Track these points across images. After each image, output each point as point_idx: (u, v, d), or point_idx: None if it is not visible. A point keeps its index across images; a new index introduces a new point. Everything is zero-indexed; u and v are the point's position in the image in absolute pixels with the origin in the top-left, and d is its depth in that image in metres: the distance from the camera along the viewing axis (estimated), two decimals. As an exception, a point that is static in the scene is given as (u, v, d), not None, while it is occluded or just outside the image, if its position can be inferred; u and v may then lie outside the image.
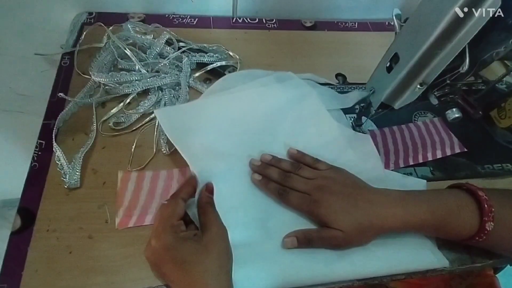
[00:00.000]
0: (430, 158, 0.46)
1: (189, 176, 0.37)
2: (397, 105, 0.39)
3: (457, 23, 0.30)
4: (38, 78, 0.60)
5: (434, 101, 0.36)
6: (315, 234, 0.35)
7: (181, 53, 0.50)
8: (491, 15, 0.28)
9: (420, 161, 0.46)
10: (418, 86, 0.35)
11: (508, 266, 0.52)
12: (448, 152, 0.47)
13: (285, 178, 0.38)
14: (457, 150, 0.48)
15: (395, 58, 0.37)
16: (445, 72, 0.33)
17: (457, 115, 0.35)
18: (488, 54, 0.32)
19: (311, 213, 0.36)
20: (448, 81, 0.34)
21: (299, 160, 0.41)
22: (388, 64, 0.38)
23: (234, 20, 0.61)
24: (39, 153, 0.40)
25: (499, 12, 0.29)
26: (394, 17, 0.38)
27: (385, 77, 0.38)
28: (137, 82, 0.46)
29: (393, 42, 0.38)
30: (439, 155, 0.47)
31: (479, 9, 0.28)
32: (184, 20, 0.59)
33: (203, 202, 0.35)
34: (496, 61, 0.60)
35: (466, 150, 0.48)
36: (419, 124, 0.51)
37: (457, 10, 0.29)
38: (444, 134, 0.50)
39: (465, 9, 0.29)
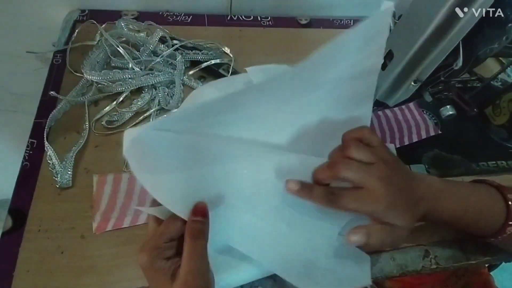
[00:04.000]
0: (406, 142, 0.47)
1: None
2: (391, 102, 0.39)
3: (450, 20, 0.30)
4: (31, 76, 0.59)
5: (428, 98, 0.36)
6: (380, 238, 0.29)
7: (174, 50, 0.50)
8: (484, 12, 0.27)
9: (397, 146, 0.46)
10: (412, 83, 0.35)
11: (503, 263, 0.52)
12: (424, 135, 0.47)
13: (335, 166, 0.29)
14: (432, 133, 0.48)
15: (389, 55, 0.37)
16: (439, 69, 0.33)
17: (451, 112, 0.35)
18: (482, 51, 0.32)
19: (372, 213, 0.29)
20: (442, 78, 0.34)
21: (348, 138, 0.31)
22: (382, 61, 0.38)
23: (229, 18, 0.61)
24: (31, 152, 0.39)
25: (493, 10, 0.29)
26: (388, 14, 0.38)
27: (379, 74, 0.38)
28: (130, 80, 0.45)
29: (387, 39, 0.37)
30: (415, 138, 0.47)
31: (473, 6, 0.28)
32: (178, 18, 0.58)
33: (187, 230, 0.26)
34: (491, 58, 0.60)
35: (440, 132, 0.48)
36: (395, 110, 0.51)
37: (452, 7, 0.29)
38: (419, 117, 0.50)
39: (459, 6, 0.29)
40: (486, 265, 0.60)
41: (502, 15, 0.29)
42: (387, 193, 0.28)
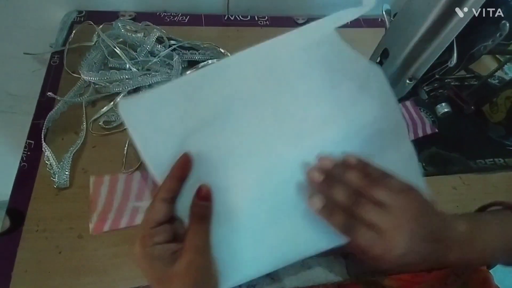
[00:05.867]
0: None
1: (175, 163, 0.28)
2: (387, 100, 0.39)
3: (445, 18, 0.30)
4: (30, 77, 0.59)
5: (424, 95, 0.36)
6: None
7: (172, 51, 0.50)
8: (476, 11, 0.27)
9: None
10: (408, 81, 0.35)
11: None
12: (420, 134, 0.47)
13: (356, 203, 0.29)
14: (429, 132, 0.48)
15: (385, 54, 0.37)
16: (434, 66, 0.33)
17: (446, 110, 0.35)
18: (476, 48, 0.32)
19: (380, 257, 0.28)
20: (437, 76, 0.34)
21: (363, 172, 0.30)
22: (378, 60, 0.38)
23: (226, 18, 0.61)
24: (28, 153, 0.40)
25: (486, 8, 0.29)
26: (384, 12, 0.38)
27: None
28: (127, 80, 0.45)
29: (383, 38, 0.37)
30: (412, 137, 0.47)
31: (467, 4, 0.28)
32: (175, 18, 0.58)
33: (192, 213, 0.27)
34: (488, 56, 0.60)
35: (437, 131, 0.48)
36: None
37: (446, 5, 0.29)
38: (415, 116, 0.50)
39: (453, 4, 0.29)
40: (485, 263, 0.60)
41: (496, 13, 0.29)
42: (402, 245, 0.27)
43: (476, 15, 0.28)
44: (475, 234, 0.30)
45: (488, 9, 0.29)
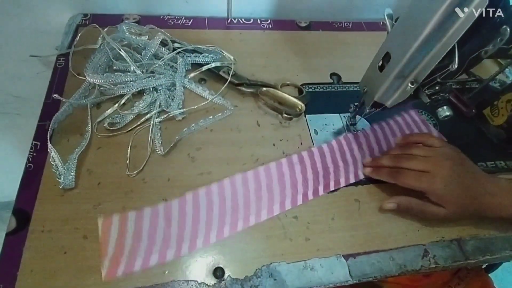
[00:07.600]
0: None
1: None
2: (389, 103, 0.39)
3: (446, 23, 0.30)
4: (35, 80, 0.60)
5: (425, 99, 0.36)
6: (416, 206, 0.38)
7: (176, 53, 0.50)
8: (478, 14, 0.28)
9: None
10: (409, 84, 0.35)
11: (503, 263, 0.52)
12: None
13: (397, 159, 0.40)
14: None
15: (387, 57, 0.37)
16: (435, 70, 0.33)
17: (447, 113, 0.35)
18: (476, 53, 0.32)
19: (426, 189, 0.37)
20: (438, 80, 0.34)
21: (410, 141, 0.43)
22: (380, 63, 0.38)
23: (229, 21, 0.61)
24: (34, 154, 0.40)
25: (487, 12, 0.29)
26: (385, 16, 0.38)
27: (377, 76, 0.39)
28: (132, 83, 0.46)
29: (384, 41, 0.38)
30: None
31: (467, 9, 0.28)
32: (179, 21, 0.59)
33: None
34: (489, 59, 0.61)
35: (445, 140, 0.48)
36: (397, 119, 0.52)
37: (447, 9, 0.29)
38: (421, 125, 0.51)
39: (454, 9, 0.29)
40: (483, 266, 0.60)
41: (497, 17, 0.30)
42: (443, 180, 0.36)
43: (476, 15, 0.28)
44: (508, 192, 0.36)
45: (488, 9, 0.29)
